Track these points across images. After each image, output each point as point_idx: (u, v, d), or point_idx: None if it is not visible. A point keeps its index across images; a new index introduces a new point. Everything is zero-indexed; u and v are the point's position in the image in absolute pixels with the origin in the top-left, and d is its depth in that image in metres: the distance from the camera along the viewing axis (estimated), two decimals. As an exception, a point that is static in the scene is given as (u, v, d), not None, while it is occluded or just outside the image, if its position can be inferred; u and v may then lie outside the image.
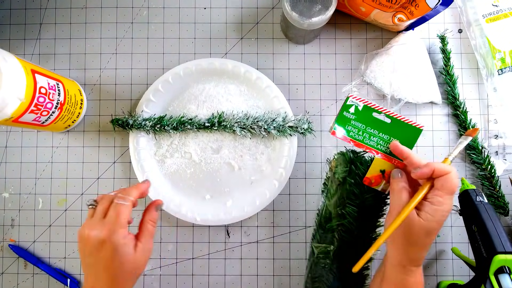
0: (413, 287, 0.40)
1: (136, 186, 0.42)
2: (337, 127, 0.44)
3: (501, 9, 0.55)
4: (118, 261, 0.37)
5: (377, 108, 0.44)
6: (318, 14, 0.49)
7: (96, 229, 0.37)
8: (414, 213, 0.38)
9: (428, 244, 0.39)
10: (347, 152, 0.46)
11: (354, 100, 0.44)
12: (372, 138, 0.44)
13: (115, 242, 0.36)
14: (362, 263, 0.39)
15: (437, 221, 0.38)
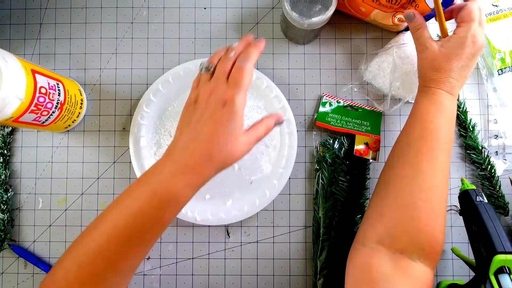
0: (427, 109, 0.43)
1: (254, 45, 0.36)
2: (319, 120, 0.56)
3: (501, 9, 0.55)
4: (232, 126, 0.33)
5: (344, 102, 0.57)
6: (318, 14, 0.49)
7: (219, 90, 0.34)
8: (434, 43, 0.44)
9: (451, 70, 0.43)
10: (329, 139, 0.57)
11: (328, 98, 0.57)
12: (348, 124, 0.56)
13: (237, 105, 0.33)
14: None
15: (455, 46, 0.43)
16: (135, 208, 0.33)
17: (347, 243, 0.53)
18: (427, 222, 0.39)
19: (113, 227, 0.34)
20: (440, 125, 0.42)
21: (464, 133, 0.56)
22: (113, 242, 0.33)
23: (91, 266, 0.33)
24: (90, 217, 0.56)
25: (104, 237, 0.34)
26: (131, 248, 0.34)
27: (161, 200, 0.33)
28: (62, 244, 0.56)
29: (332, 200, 0.55)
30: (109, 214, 0.35)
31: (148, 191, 0.33)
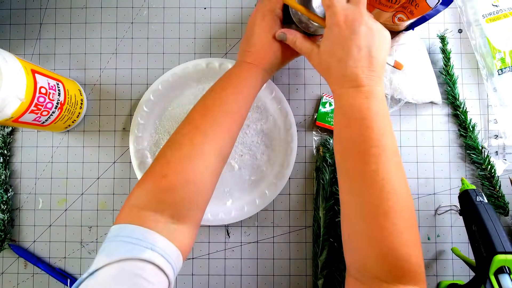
0: (344, 108, 0.39)
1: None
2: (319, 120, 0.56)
3: (501, 9, 0.55)
4: (273, 29, 0.45)
5: None
6: None
7: (260, 8, 0.45)
8: (315, 46, 0.43)
9: (340, 60, 0.39)
10: (329, 139, 0.56)
11: (328, 98, 0.56)
12: None
13: (275, 13, 0.44)
14: None
15: (329, 37, 0.40)
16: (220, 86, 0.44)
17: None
18: (387, 244, 0.35)
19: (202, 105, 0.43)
20: (354, 132, 0.38)
21: (464, 133, 0.56)
22: (206, 112, 0.41)
23: (191, 143, 0.39)
24: (90, 217, 0.56)
25: (196, 113, 0.42)
26: (220, 118, 0.41)
27: (238, 79, 0.44)
28: (62, 244, 0.56)
29: (332, 200, 0.55)
30: None
31: (228, 75, 0.45)
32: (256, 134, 0.56)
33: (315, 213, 0.55)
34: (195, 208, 0.39)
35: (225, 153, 0.41)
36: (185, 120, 0.41)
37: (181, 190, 0.37)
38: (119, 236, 0.33)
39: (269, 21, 0.44)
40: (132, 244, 0.33)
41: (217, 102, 0.41)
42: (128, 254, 0.32)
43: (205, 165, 0.38)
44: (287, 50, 0.46)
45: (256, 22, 0.45)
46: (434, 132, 0.57)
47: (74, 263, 0.56)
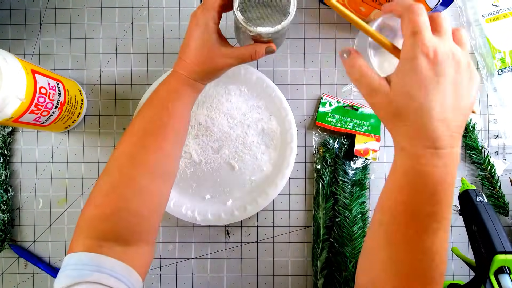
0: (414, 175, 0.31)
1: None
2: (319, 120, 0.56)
3: (501, 9, 0.55)
4: (204, 39, 0.40)
5: (344, 102, 0.57)
6: (272, 23, 0.40)
7: (194, 15, 0.41)
8: (383, 80, 0.32)
9: (419, 110, 0.30)
10: (329, 139, 0.56)
11: (327, 98, 0.57)
12: (348, 124, 0.56)
13: (206, 21, 0.40)
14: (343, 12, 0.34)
15: (408, 75, 0.30)
16: (153, 108, 0.41)
17: (347, 243, 0.53)
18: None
19: (130, 128, 0.41)
20: (421, 205, 0.31)
21: (464, 133, 0.56)
22: (133, 138, 0.40)
23: (118, 167, 0.39)
24: (90, 217, 0.56)
25: (125, 138, 0.40)
26: (146, 139, 0.39)
27: (165, 92, 0.42)
28: (62, 244, 0.56)
29: (332, 200, 0.55)
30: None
31: (158, 94, 0.42)
32: (256, 134, 0.56)
33: (315, 213, 0.55)
34: (137, 232, 0.38)
35: (162, 172, 0.40)
36: (117, 144, 0.41)
37: (114, 218, 0.37)
38: (69, 265, 0.35)
39: (203, 31, 0.40)
40: (79, 270, 0.34)
41: (142, 122, 0.40)
42: (75, 280, 0.33)
43: (133, 191, 0.38)
44: (225, 59, 0.42)
45: (191, 30, 0.41)
46: (434, 132, 0.57)
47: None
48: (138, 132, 0.40)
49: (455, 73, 0.30)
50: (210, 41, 0.40)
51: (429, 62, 0.29)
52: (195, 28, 0.40)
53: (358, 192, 0.54)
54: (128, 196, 0.38)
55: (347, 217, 0.54)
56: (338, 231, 0.54)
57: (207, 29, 0.40)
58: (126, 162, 0.39)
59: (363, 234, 0.54)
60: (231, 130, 0.56)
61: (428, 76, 0.29)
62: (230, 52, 0.42)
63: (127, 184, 0.38)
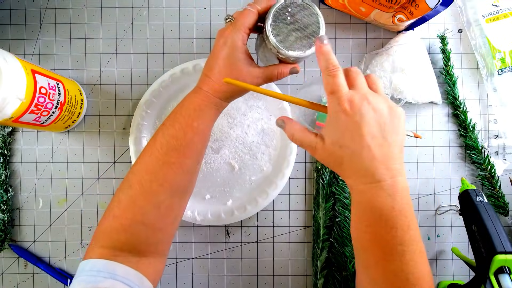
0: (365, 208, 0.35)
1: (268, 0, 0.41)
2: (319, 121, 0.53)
3: (501, 9, 0.55)
4: (232, 59, 0.40)
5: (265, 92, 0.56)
6: (300, 47, 0.41)
7: (222, 33, 0.41)
8: (319, 138, 0.37)
9: (352, 154, 0.34)
10: None
11: None
12: None
13: (235, 41, 0.40)
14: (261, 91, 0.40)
15: (334, 128, 0.35)
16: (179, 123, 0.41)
17: (347, 243, 0.53)
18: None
19: (153, 141, 0.41)
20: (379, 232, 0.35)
21: (464, 133, 0.56)
22: (156, 152, 0.39)
23: (139, 181, 0.39)
24: (90, 217, 0.56)
25: (148, 151, 0.40)
26: (168, 155, 0.39)
27: (191, 110, 0.41)
28: (62, 244, 0.56)
29: (332, 200, 0.55)
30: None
31: (182, 110, 0.41)
32: (256, 134, 0.56)
33: (315, 213, 0.55)
34: (152, 244, 0.39)
35: (181, 189, 0.41)
36: (138, 158, 0.41)
37: (131, 230, 0.38)
38: (84, 271, 0.35)
39: (231, 51, 0.40)
40: (93, 276, 0.34)
41: (165, 138, 0.40)
42: (89, 285, 0.33)
43: (152, 205, 0.38)
44: (253, 78, 0.41)
45: (218, 49, 0.41)
46: (434, 132, 0.57)
47: (74, 263, 0.56)
48: (161, 147, 0.40)
49: (374, 115, 0.34)
50: (238, 62, 0.40)
51: (347, 113, 0.34)
52: (223, 47, 0.40)
53: None
54: (146, 210, 0.38)
55: (347, 217, 0.54)
56: (338, 231, 0.54)
57: (235, 49, 0.40)
58: (146, 176, 0.39)
59: (363, 234, 0.54)
60: (231, 130, 0.56)
61: (350, 125, 0.34)
62: (258, 72, 0.41)
63: (146, 199, 0.38)
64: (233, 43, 0.39)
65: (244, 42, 0.40)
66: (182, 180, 0.41)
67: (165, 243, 0.41)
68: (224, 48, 0.40)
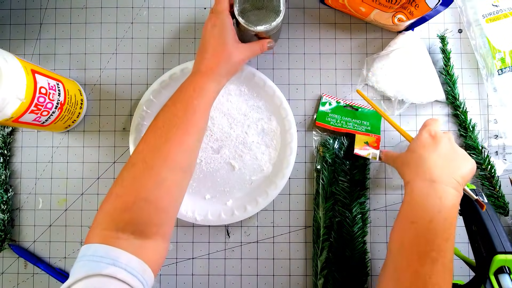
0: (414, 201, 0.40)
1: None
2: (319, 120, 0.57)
3: (501, 9, 0.55)
4: (223, 36, 0.45)
5: (344, 102, 0.57)
6: (267, 21, 0.47)
7: (210, 19, 0.46)
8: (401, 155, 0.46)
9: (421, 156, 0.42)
10: (329, 139, 0.56)
11: (327, 98, 0.57)
12: (348, 124, 0.56)
13: (223, 22, 0.45)
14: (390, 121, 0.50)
15: (414, 141, 0.45)
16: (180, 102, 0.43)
17: (347, 243, 0.53)
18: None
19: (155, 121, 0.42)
20: (420, 231, 0.38)
21: (464, 133, 0.56)
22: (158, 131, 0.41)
23: (143, 158, 0.40)
24: (90, 217, 0.56)
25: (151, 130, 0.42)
26: (169, 132, 0.41)
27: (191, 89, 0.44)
28: (62, 244, 0.56)
29: (332, 200, 0.55)
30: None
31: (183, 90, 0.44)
32: (256, 134, 0.56)
33: (315, 213, 0.55)
34: (155, 224, 0.39)
35: (183, 165, 0.41)
36: (141, 138, 0.42)
37: (135, 208, 0.38)
38: (85, 255, 0.35)
39: (221, 30, 0.45)
40: (95, 262, 0.34)
41: (167, 116, 0.42)
42: (91, 272, 0.33)
43: (155, 182, 0.39)
44: (241, 52, 0.46)
45: (209, 31, 0.46)
46: (434, 132, 0.57)
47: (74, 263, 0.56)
48: (163, 125, 0.41)
49: (450, 148, 0.43)
50: (229, 39, 0.45)
51: (429, 135, 0.44)
52: (213, 28, 0.45)
53: (358, 192, 0.54)
54: (149, 186, 0.38)
55: (347, 217, 0.54)
56: (338, 231, 0.54)
57: (225, 27, 0.45)
58: (149, 153, 0.40)
59: (363, 234, 0.54)
60: (231, 130, 0.56)
61: (427, 142, 0.44)
62: (245, 48, 0.47)
63: (150, 175, 0.39)
64: (222, 22, 0.45)
65: (231, 21, 0.45)
66: (184, 157, 0.41)
67: (168, 225, 0.41)
68: (214, 29, 0.45)
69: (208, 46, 0.45)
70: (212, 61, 0.45)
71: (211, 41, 0.45)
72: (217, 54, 0.45)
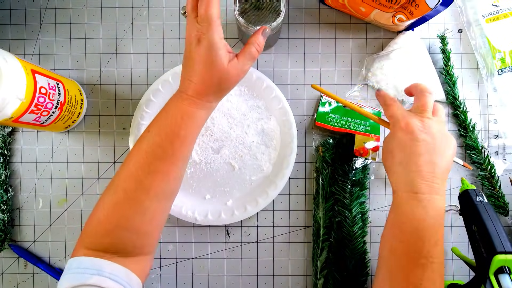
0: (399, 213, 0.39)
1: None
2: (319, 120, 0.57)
3: (501, 9, 0.55)
4: (212, 58, 0.37)
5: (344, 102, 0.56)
6: (267, 22, 0.46)
7: (191, 30, 0.38)
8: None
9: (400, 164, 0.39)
10: (329, 139, 0.56)
11: (327, 98, 0.57)
12: (348, 124, 0.56)
13: (211, 39, 0.37)
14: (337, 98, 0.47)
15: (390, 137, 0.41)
16: (165, 131, 0.39)
17: (347, 243, 0.53)
18: None
19: (137, 148, 0.39)
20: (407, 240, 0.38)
21: (464, 133, 0.56)
22: (141, 160, 0.38)
23: (124, 188, 0.38)
24: (90, 217, 0.56)
25: (133, 158, 0.39)
26: (153, 164, 0.38)
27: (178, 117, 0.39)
28: (62, 244, 0.56)
29: (332, 200, 0.55)
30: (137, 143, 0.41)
31: (168, 116, 0.40)
32: (256, 134, 0.56)
33: (315, 213, 0.55)
34: (137, 247, 0.39)
35: (167, 194, 0.40)
36: (123, 162, 0.40)
37: (115, 235, 0.38)
38: (71, 269, 0.36)
39: (208, 52, 0.37)
40: (80, 273, 0.35)
41: (151, 146, 0.38)
42: (75, 283, 0.34)
43: (136, 211, 0.38)
44: (234, 67, 0.39)
45: (192, 45, 0.38)
46: (434, 132, 0.57)
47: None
48: (147, 157, 0.38)
49: (426, 137, 0.39)
50: (218, 56, 0.38)
51: (403, 131, 0.40)
52: (198, 45, 0.38)
53: (358, 192, 0.54)
54: (130, 217, 0.38)
55: (347, 217, 0.54)
56: (338, 231, 0.54)
57: (212, 48, 0.37)
58: (131, 184, 0.38)
59: (363, 234, 0.54)
60: (231, 130, 0.56)
61: (403, 142, 0.40)
62: (240, 56, 0.40)
63: (130, 206, 0.38)
64: (210, 39, 0.37)
65: (221, 36, 0.38)
66: (168, 186, 0.40)
67: (151, 244, 0.41)
68: (200, 47, 0.37)
69: (195, 66, 0.38)
70: (200, 86, 0.39)
71: (198, 60, 0.38)
72: (206, 79, 0.38)
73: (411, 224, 0.38)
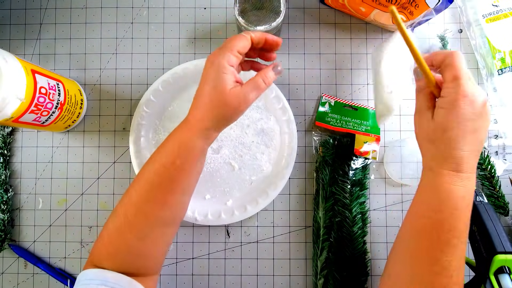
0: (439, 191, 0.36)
1: (264, 33, 0.42)
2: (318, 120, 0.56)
3: (501, 9, 0.55)
4: (216, 80, 0.38)
5: (343, 101, 0.57)
6: (267, 22, 0.47)
7: (214, 51, 0.40)
8: (429, 113, 0.38)
9: (451, 140, 0.36)
10: (329, 139, 0.56)
11: (327, 98, 0.57)
12: (348, 124, 0.56)
13: (221, 62, 0.38)
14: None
15: (447, 113, 0.36)
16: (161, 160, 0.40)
17: (347, 243, 0.53)
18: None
19: (140, 174, 0.41)
20: (444, 219, 0.36)
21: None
22: (141, 187, 0.40)
23: (125, 213, 0.39)
24: (90, 217, 0.56)
25: (135, 184, 0.40)
26: (151, 193, 0.39)
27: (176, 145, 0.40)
28: (62, 244, 0.56)
29: (332, 200, 0.55)
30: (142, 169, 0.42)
31: (168, 144, 0.41)
32: (256, 134, 0.56)
33: (315, 213, 0.55)
34: (141, 269, 0.41)
35: (167, 221, 0.41)
36: (127, 189, 0.41)
37: (118, 259, 0.40)
38: (80, 281, 0.38)
39: (216, 74, 0.38)
40: (86, 285, 0.37)
41: (148, 174, 0.40)
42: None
43: (138, 237, 0.39)
44: (237, 97, 0.39)
45: (206, 66, 0.39)
46: (434, 132, 0.57)
47: (74, 263, 0.56)
48: (145, 183, 0.40)
49: (486, 116, 0.36)
50: (223, 82, 0.38)
51: (466, 103, 0.35)
52: (210, 67, 0.38)
53: (358, 192, 0.54)
54: (131, 242, 0.39)
55: (347, 217, 0.54)
56: (338, 231, 0.54)
57: (220, 70, 0.38)
58: (131, 209, 0.40)
59: (363, 234, 0.54)
60: (231, 130, 0.56)
61: (464, 114, 0.35)
62: (243, 91, 0.39)
63: (131, 231, 0.39)
64: (219, 63, 0.38)
65: (231, 63, 0.38)
66: (168, 214, 0.41)
67: (155, 267, 0.43)
68: (212, 69, 0.38)
69: (204, 87, 0.39)
70: (202, 112, 0.39)
71: (203, 80, 0.39)
72: (208, 104, 0.38)
73: (450, 203, 0.36)
